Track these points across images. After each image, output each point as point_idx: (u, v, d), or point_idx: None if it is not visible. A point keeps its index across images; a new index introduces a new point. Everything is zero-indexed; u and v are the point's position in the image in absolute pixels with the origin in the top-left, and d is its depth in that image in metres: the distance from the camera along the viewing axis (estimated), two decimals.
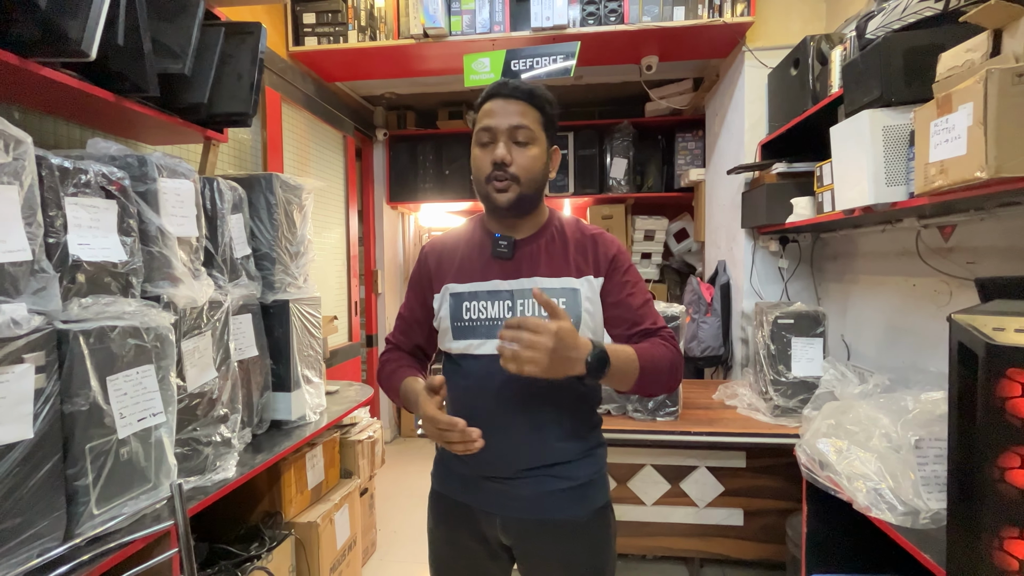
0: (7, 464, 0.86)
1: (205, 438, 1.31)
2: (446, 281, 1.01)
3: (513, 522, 0.98)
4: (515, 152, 0.93)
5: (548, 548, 0.98)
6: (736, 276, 2.49)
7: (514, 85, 0.95)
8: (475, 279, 0.98)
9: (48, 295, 0.93)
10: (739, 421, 1.78)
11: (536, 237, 1.00)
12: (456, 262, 1.02)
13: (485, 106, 0.96)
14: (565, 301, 0.95)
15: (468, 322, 0.97)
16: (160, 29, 1.34)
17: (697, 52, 2.56)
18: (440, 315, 1.01)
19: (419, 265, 1.09)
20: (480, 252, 1.01)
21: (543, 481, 0.96)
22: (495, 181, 0.93)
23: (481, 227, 1.04)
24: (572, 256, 0.99)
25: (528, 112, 0.94)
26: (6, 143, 0.87)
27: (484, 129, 0.94)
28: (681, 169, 3.25)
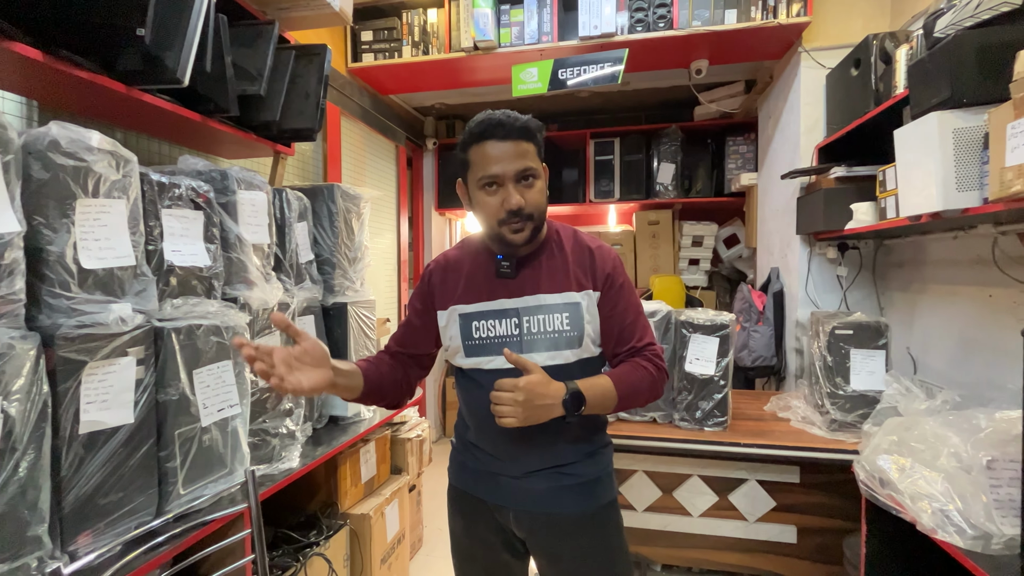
0: (113, 445, 0.98)
1: (273, 430, 1.41)
2: (452, 302, 1.04)
3: (524, 515, 1.03)
4: (526, 193, 0.95)
5: (559, 541, 1.03)
6: (790, 284, 2.40)
7: (510, 123, 0.93)
8: (482, 299, 1.02)
9: (147, 296, 1.05)
10: (792, 434, 1.72)
11: (537, 253, 1.04)
12: (462, 283, 1.05)
13: (481, 148, 0.94)
14: (568, 315, 0.99)
15: (479, 340, 1.02)
16: (240, 54, 1.47)
17: (750, 54, 2.50)
18: (449, 334, 1.05)
19: (422, 283, 1.11)
20: (485, 272, 1.04)
21: (552, 478, 1.01)
22: (510, 224, 0.95)
23: (484, 248, 1.06)
24: (572, 270, 1.02)
25: (527, 149, 0.95)
26: (117, 162, 1.00)
27: (489, 177, 0.94)
28: (731, 173, 3.17)
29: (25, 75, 1.08)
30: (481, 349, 1.02)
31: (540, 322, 0.99)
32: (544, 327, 0.99)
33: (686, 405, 1.75)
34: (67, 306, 0.91)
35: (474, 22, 2.36)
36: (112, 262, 0.98)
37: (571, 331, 0.99)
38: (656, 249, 3.45)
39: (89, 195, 0.94)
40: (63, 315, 0.90)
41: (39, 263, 0.89)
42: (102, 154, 0.95)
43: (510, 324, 1.00)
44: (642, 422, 1.84)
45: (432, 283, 1.08)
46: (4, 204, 0.82)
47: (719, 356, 1.71)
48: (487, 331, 1.01)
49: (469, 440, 1.09)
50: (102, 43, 1.08)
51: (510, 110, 0.97)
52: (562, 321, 0.99)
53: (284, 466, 1.41)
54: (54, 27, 1.00)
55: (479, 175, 0.96)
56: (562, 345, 0.99)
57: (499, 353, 0.99)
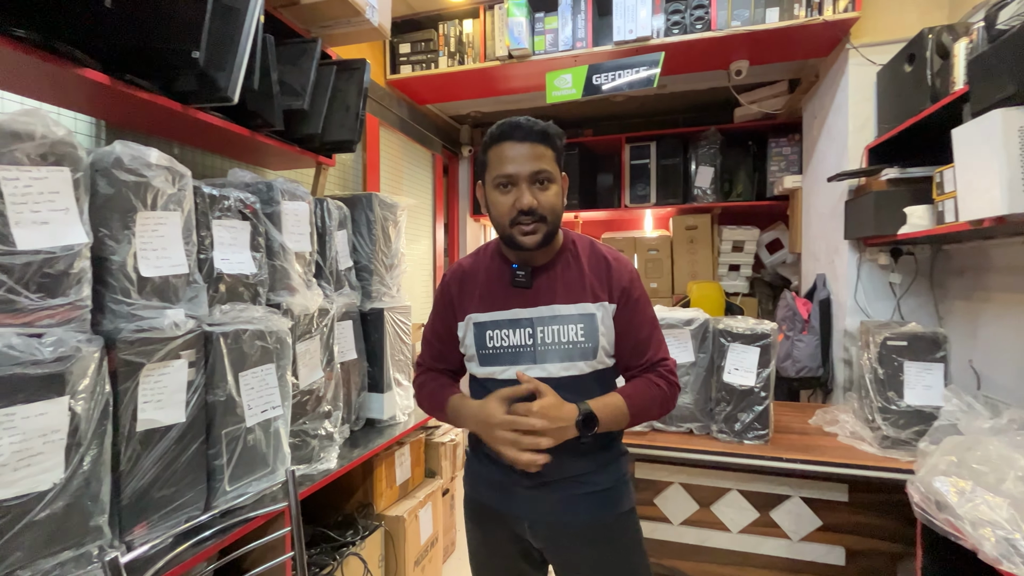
0: (166, 442, 1.04)
1: (312, 431, 1.46)
2: (469, 311, 1.04)
3: (540, 525, 1.02)
4: (539, 194, 0.95)
5: (577, 551, 1.02)
6: (838, 291, 2.29)
7: (528, 126, 0.95)
8: (496, 308, 1.02)
9: (199, 302, 1.11)
10: (840, 450, 1.64)
11: (553, 264, 1.03)
12: (477, 291, 1.05)
13: (499, 149, 0.96)
14: (583, 327, 0.99)
15: (492, 350, 1.02)
16: (285, 71, 1.54)
17: (793, 53, 2.41)
18: (466, 343, 1.06)
19: (442, 293, 1.11)
20: (500, 282, 1.04)
21: (568, 486, 1.01)
22: (520, 225, 0.95)
23: (499, 256, 1.07)
24: (588, 281, 1.01)
25: (544, 153, 0.95)
26: (173, 177, 1.06)
27: (504, 176, 0.95)
28: (774, 176, 3.05)
29: (94, 98, 1.18)
30: (495, 359, 1.02)
31: (555, 332, 0.99)
32: (558, 338, 0.99)
33: (724, 416, 1.70)
34: (127, 311, 0.97)
35: (508, 31, 2.38)
36: (167, 270, 1.05)
37: (585, 342, 0.99)
38: (694, 255, 3.37)
39: (148, 208, 1.01)
40: (124, 320, 0.97)
41: (103, 272, 0.96)
42: (160, 170, 1.02)
43: (524, 334, 1.00)
44: (678, 433, 1.79)
45: (451, 294, 1.08)
46: (74, 218, 0.89)
47: (760, 366, 1.65)
48: (501, 340, 1.01)
49: (483, 451, 1.08)
50: (161, 66, 1.16)
51: (531, 117, 0.98)
52: (576, 332, 0.99)
53: (322, 467, 1.46)
54: (119, 53, 1.08)
55: (494, 174, 0.97)
56: (576, 356, 0.99)
57: (513, 363, 1.00)
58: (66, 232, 0.87)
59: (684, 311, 1.84)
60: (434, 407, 1.10)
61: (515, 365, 1.00)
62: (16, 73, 1.03)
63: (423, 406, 1.14)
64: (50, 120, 0.85)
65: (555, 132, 0.98)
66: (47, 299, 0.85)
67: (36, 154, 0.84)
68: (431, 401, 1.11)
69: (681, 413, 1.78)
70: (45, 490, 0.81)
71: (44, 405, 0.81)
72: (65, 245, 0.87)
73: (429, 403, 1.11)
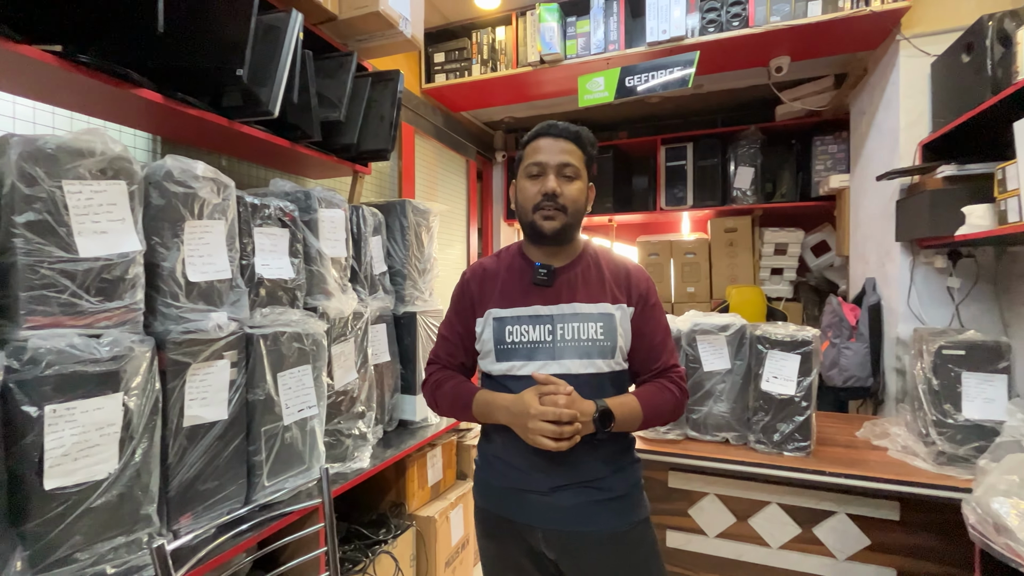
0: (209, 438, 1.10)
1: (346, 431, 1.51)
2: (488, 306, 1.07)
3: (554, 534, 1.01)
4: (563, 185, 1.02)
5: (593, 562, 1.00)
6: (889, 296, 2.16)
7: (563, 126, 1.04)
8: (517, 304, 1.05)
9: (241, 306, 1.17)
10: (890, 466, 1.54)
11: (573, 265, 1.07)
12: (498, 288, 1.08)
13: (534, 143, 1.05)
14: (603, 325, 1.02)
15: (511, 345, 1.03)
16: (323, 84, 1.61)
17: (838, 47, 2.30)
18: (483, 338, 1.07)
19: (461, 290, 1.13)
20: (521, 279, 1.07)
21: (581, 493, 1.00)
22: (543, 210, 1.01)
23: (520, 256, 1.11)
24: (608, 283, 1.06)
25: (574, 151, 1.03)
26: (218, 187, 1.13)
27: (535, 163, 1.03)
28: (820, 176, 2.92)
29: (150, 115, 1.27)
30: (513, 354, 1.03)
31: (574, 330, 1.01)
32: (578, 335, 1.01)
33: (763, 426, 1.63)
34: (176, 314, 1.04)
35: (540, 36, 2.39)
36: (212, 275, 1.11)
37: (604, 341, 1.01)
38: (733, 258, 3.26)
39: (195, 217, 1.08)
40: (172, 322, 1.04)
41: (154, 277, 1.03)
42: (206, 181, 1.09)
43: (544, 330, 1.02)
44: (713, 442, 1.74)
45: (472, 292, 1.11)
46: (129, 227, 0.96)
47: (800, 375, 1.58)
48: (520, 336, 1.03)
49: (494, 455, 1.08)
50: (209, 84, 1.23)
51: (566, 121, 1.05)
52: (596, 331, 1.01)
53: (356, 465, 1.50)
54: (170, 73, 1.16)
55: (527, 163, 1.04)
56: (595, 354, 1.01)
57: (530, 359, 1.02)
58: (122, 240, 0.94)
59: (720, 316, 1.78)
60: (456, 404, 1.08)
61: (532, 361, 1.01)
62: (80, 94, 1.12)
63: (440, 404, 1.11)
64: (108, 137, 0.92)
65: (587, 137, 1.05)
66: (105, 302, 0.92)
67: (96, 169, 0.91)
68: (453, 398, 1.08)
69: (716, 422, 1.73)
70: (101, 479, 0.88)
71: (101, 400, 0.87)
72: (121, 252, 0.94)
73: (450, 400, 1.08)
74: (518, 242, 1.15)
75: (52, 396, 0.82)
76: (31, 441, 0.80)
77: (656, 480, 1.84)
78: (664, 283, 3.46)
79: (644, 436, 1.76)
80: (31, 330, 0.83)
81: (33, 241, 0.84)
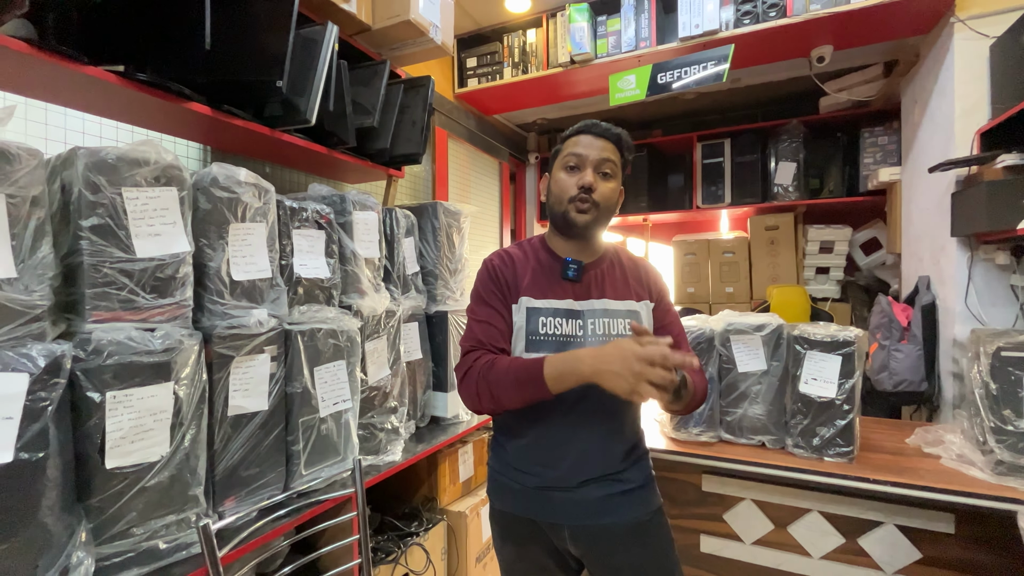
0: (251, 427, 1.17)
1: (379, 425, 1.56)
2: (522, 294, 1.04)
3: (581, 530, 1.01)
4: (599, 181, 1.03)
5: (619, 552, 1.01)
6: (945, 295, 2.03)
7: (605, 126, 1.06)
8: (549, 296, 1.04)
9: (280, 303, 1.24)
10: (943, 474, 1.45)
11: (599, 263, 1.10)
12: (528, 278, 1.06)
13: (575, 138, 1.06)
14: (630, 322, 1.00)
15: (543, 336, 1.03)
16: (357, 92, 1.68)
17: (886, 33, 2.19)
18: (516, 326, 1.03)
19: (495, 275, 1.07)
20: (549, 272, 1.07)
21: (606, 485, 1.01)
22: (578, 202, 1.02)
23: (544, 250, 1.11)
24: (631, 282, 1.10)
25: (614, 151, 1.05)
26: (259, 192, 1.21)
27: (574, 155, 1.04)
28: (868, 169, 2.77)
29: (200, 127, 1.37)
30: (543, 345, 1.02)
31: (604, 325, 1.03)
32: (608, 331, 1.03)
33: (801, 430, 1.57)
34: (221, 311, 1.12)
35: (570, 37, 2.40)
36: (254, 275, 1.19)
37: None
38: (775, 257, 3.14)
39: (238, 220, 1.15)
40: (218, 318, 1.11)
41: (202, 276, 1.11)
42: (248, 186, 1.16)
43: (575, 325, 1.04)
44: (748, 445, 1.69)
45: (505, 276, 1.06)
46: (180, 230, 1.04)
47: (842, 377, 1.51)
48: (554, 328, 1.03)
49: (516, 456, 1.05)
50: (252, 95, 1.32)
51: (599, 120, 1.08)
52: (625, 327, 1.04)
53: (388, 459, 1.55)
54: (218, 87, 1.24)
55: (565, 155, 1.06)
56: None
57: (559, 351, 0.98)
58: (174, 242, 1.03)
59: (755, 316, 1.73)
60: (521, 375, 0.92)
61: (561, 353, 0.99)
62: (139, 110, 1.23)
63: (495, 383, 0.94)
64: (161, 148, 1.00)
65: (627, 141, 1.08)
66: (158, 299, 1.00)
67: (151, 177, 0.99)
68: (517, 370, 0.93)
69: (752, 424, 1.67)
70: (154, 461, 0.96)
71: (154, 388, 0.95)
72: (173, 253, 1.02)
73: (514, 374, 0.93)
74: (539, 235, 1.17)
75: (112, 383, 0.90)
76: (94, 424, 0.89)
77: (689, 483, 1.80)
78: (702, 283, 3.38)
79: (675, 438, 1.73)
80: (95, 323, 0.92)
81: (97, 243, 0.92)
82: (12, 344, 0.80)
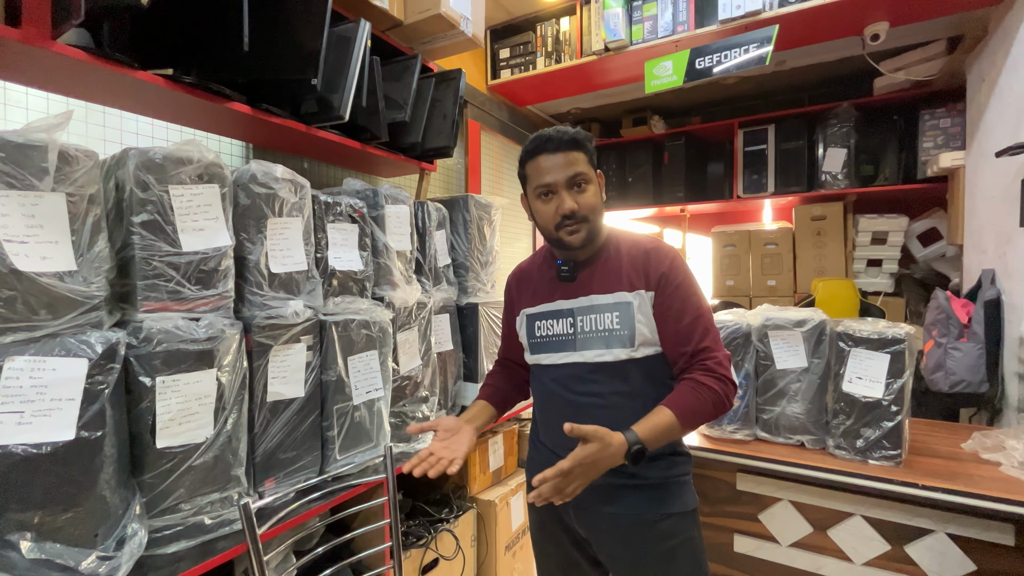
0: (289, 413, 1.23)
1: (411, 413, 1.60)
2: (523, 305, 1.16)
3: (582, 512, 1.06)
4: (577, 197, 1.01)
5: (614, 543, 1.02)
6: (1011, 290, 1.87)
7: (558, 138, 1.00)
8: (543, 301, 1.11)
9: (315, 295, 1.29)
10: (1002, 482, 1.35)
11: (594, 258, 1.09)
12: (531, 288, 1.16)
13: (535, 163, 1.03)
14: (619, 315, 1.02)
15: (541, 339, 1.11)
16: (389, 87, 1.70)
17: (949, 6, 2.02)
18: (521, 334, 1.16)
19: (507, 291, 1.24)
20: (548, 277, 1.13)
21: (611, 475, 0.97)
22: (565, 228, 1.02)
23: (550, 256, 1.16)
24: (626, 271, 1.05)
25: (577, 158, 1.01)
26: (295, 188, 1.25)
27: (542, 185, 1.02)
28: (928, 154, 2.58)
29: (240, 125, 1.42)
30: (542, 347, 1.11)
31: (592, 321, 1.04)
32: (596, 326, 1.04)
33: (843, 431, 1.50)
34: (260, 302, 1.17)
35: (604, 24, 2.35)
36: (291, 267, 1.24)
37: (621, 330, 1.01)
38: (821, 248, 2.99)
39: (276, 215, 1.20)
40: (257, 308, 1.17)
41: (242, 268, 1.16)
42: (284, 182, 1.21)
43: (565, 323, 1.08)
44: (787, 445, 1.63)
45: (512, 292, 1.22)
46: (222, 225, 1.10)
47: (890, 376, 1.43)
48: (547, 330, 1.10)
49: (538, 439, 1.17)
50: (288, 93, 1.36)
51: (561, 126, 1.04)
52: (612, 320, 1.02)
53: (419, 446, 1.59)
54: (256, 86, 1.29)
55: (534, 185, 1.04)
56: (614, 343, 1.02)
57: (555, 351, 1.08)
58: (216, 236, 1.08)
59: (795, 311, 1.66)
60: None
61: (559, 352, 1.08)
62: (184, 110, 1.29)
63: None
64: (203, 147, 1.06)
65: (584, 137, 1.04)
66: (203, 290, 1.06)
67: (195, 175, 1.05)
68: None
69: (790, 423, 1.61)
70: (200, 442, 1.02)
71: (199, 375, 1.01)
72: (216, 247, 1.07)
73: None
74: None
75: (162, 369, 0.97)
76: (146, 406, 0.95)
77: (723, 481, 1.76)
78: (742, 276, 3.26)
79: (709, 435, 1.69)
80: (146, 313, 0.98)
81: (147, 238, 0.99)
82: (73, 332, 0.87)
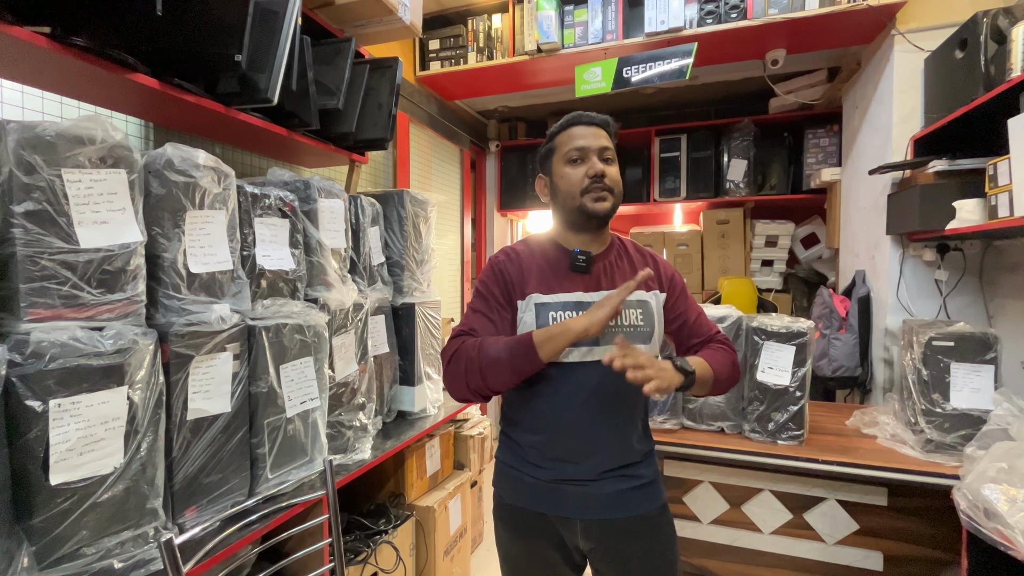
0: (213, 431, 1.09)
1: (347, 422, 1.50)
2: (529, 291, 1.02)
3: (594, 524, 1.01)
4: (606, 167, 1.03)
5: (627, 546, 1.03)
6: (879, 288, 2.21)
7: (593, 116, 1.06)
8: (557, 291, 1.02)
9: (242, 297, 1.16)
10: (879, 453, 1.59)
11: (607, 253, 1.09)
12: (535, 274, 1.04)
13: (569, 131, 1.06)
14: (642, 312, 1.04)
15: None
16: (320, 71, 1.57)
17: (833, 40, 2.32)
18: (524, 322, 1.01)
19: (498, 273, 1.06)
20: (556, 266, 1.05)
21: (621, 479, 1.02)
22: (592, 192, 1.01)
23: (552, 244, 1.09)
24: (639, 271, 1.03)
25: (607, 138, 1.06)
26: (219, 177, 1.11)
27: (576, 148, 1.03)
28: (811, 169, 2.95)
29: (143, 101, 1.23)
30: None
31: (617, 316, 1.02)
32: (619, 322, 1.02)
33: (757, 416, 1.67)
34: (178, 306, 1.02)
35: (537, 25, 2.37)
36: (214, 267, 1.09)
37: (644, 326, 1.03)
38: (725, 249, 3.30)
39: (196, 207, 1.05)
40: (175, 314, 1.02)
41: (156, 268, 1.01)
42: (207, 170, 1.06)
43: None
44: (709, 431, 1.77)
45: (509, 274, 1.05)
46: (130, 217, 0.94)
47: (795, 366, 1.61)
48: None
49: (528, 452, 1.05)
50: (206, 69, 1.20)
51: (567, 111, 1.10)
52: (636, 317, 1.03)
53: (357, 457, 1.50)
54: (166, 57, 1.12)
55: (565, 150, 1.04)
56: (636, 340, 1.02)
57: (576, 345, 0.97)
58: (123, 231, 0.92)
59: (716, 308, 1.81)
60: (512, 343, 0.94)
61: (577, 347, 0.98)
62: (72, 78, 1.09)
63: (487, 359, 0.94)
64: (108, 124, 0.89)
65: (613, 124, 1.09)
66: (107, 294, 0.90)
67: (96, 157, 0.88)
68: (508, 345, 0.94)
69: (712, 411, 1.76)
70: (107, 473, 0.87)
71: (106, 394, 0.86)
72: (122, 243, 0.92)
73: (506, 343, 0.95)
74: (547, 233, 1.13)
75: (56, 390, 0.80)
76: (36, 436, 0.79)
77: None
78: None
79: None
80: (32, 323, 0.81)
81: (32, 231, 0.81)
82: None
